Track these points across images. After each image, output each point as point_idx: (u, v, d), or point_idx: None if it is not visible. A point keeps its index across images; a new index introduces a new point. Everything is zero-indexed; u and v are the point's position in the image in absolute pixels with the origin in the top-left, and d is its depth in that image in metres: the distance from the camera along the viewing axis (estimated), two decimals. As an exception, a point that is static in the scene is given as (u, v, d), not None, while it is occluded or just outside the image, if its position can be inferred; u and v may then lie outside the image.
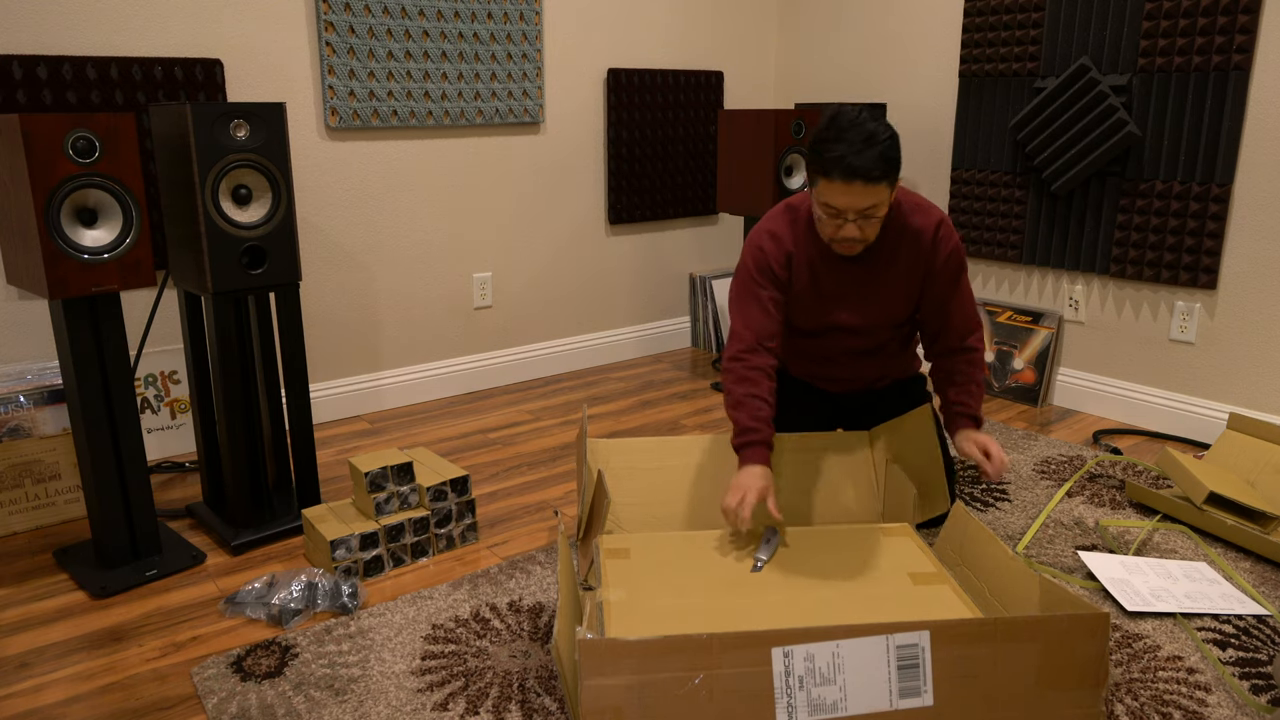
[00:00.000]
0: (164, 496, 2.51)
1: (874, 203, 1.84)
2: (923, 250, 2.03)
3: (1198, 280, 2.84)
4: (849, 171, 1.80)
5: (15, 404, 2.29)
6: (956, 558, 1.89)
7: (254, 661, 1.77)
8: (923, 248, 2.03)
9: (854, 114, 1.84)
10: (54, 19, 2.42)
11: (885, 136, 1.81)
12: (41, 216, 1.81)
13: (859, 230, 1.89)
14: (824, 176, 1.84)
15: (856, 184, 1.81)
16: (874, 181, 1.81)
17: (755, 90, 4.05)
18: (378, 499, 2.12)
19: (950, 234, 2.05)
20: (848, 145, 1.80)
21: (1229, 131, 2.72)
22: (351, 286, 3.07)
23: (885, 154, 1.80)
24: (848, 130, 1.81)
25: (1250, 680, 1.71)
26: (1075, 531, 2.29)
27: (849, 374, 2.22)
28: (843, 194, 1.83)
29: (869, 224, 1.89)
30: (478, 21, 3.12)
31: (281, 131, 2.10)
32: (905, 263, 2.04)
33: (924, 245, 2.03)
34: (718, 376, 3.61)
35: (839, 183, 1.82)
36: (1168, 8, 2.78)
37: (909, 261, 2.04)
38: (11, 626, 1.91)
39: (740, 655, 1.38)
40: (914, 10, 3.49)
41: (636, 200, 3.71)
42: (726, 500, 1.85)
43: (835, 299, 2.08)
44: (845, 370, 2.21)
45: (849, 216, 1.87)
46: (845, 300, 2.08)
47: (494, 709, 1.63)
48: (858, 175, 1.80)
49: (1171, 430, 2.99)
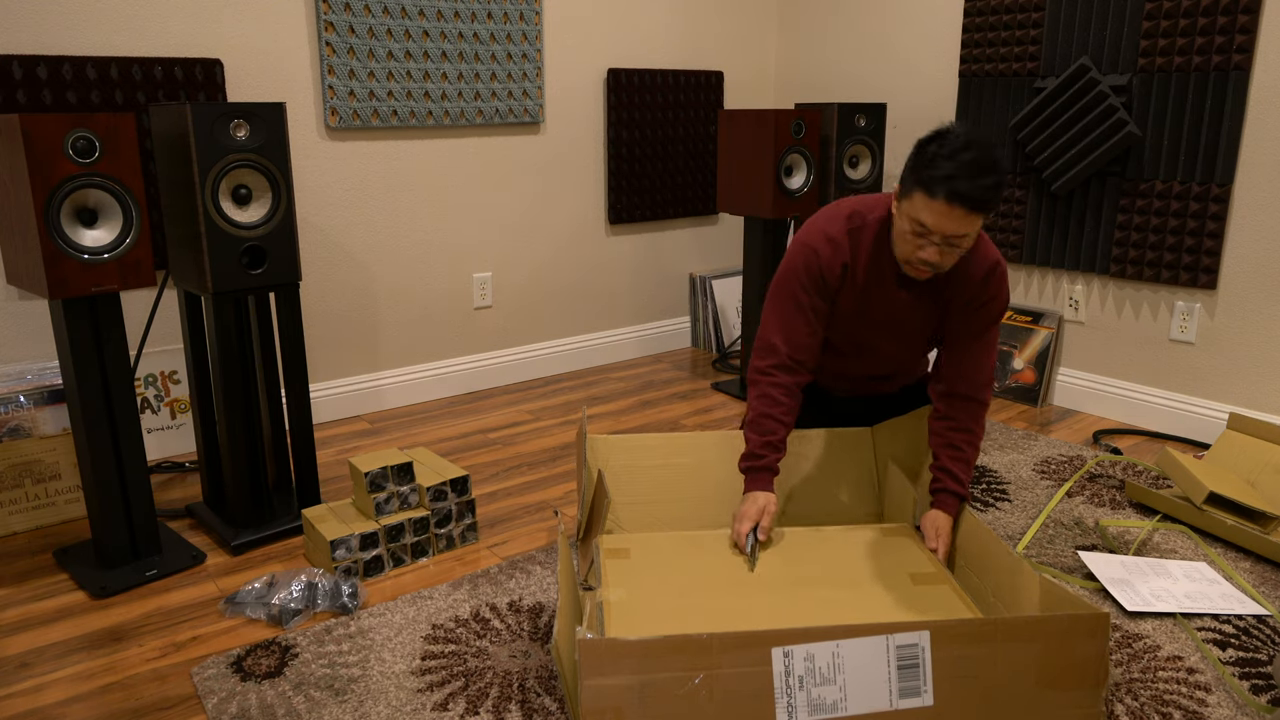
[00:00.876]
0: (164, 496, 2.51)
1: (966, 232, 1.73)
2: (969, 287, 1.91)
3: (1198, 280, 2.84)
4: (954, 195, 1.68)
5: (15, 404, 2.29)
6: (957, 558, 1.89)
7: (254, 661, 1.77)
8: (970, 284, 1.91)
9: (972, 134, 1.73)
10: (54, 19, 2.42)
11: (1000, 166, 1.71)
12: (41, 216, 1.81)
13: (939, 255, 1.77)
14: (925, 192, 1.72)
15: (958, 209, 1.69)
16: (975, 211, 1.70)
17: (755, 90, 4.05)
18: (378, 499, 2.12)
19: (1001, 282, 1.92)
20: (960, 166, 1.68)
21: (1229, 131, 2.72)
22: (351, 286, 3.07)
23: (998, 184, 1.69)
24: (963, 150, 1.69)
25: (1250, 680, 1.71)
26: (1075, 531, 2.29)
27: (861, 387, 2.21)
28: (939, 216, 1.71)
29: (951, 252, 1.78)
30: (478, 21, 3.12)
31: (281, 131, 2.10)
32: (949, 295, 1.94)
33: (972, 283, 1.91)
34: (718, 376, 3.61)
35: (940, 203, 1.70)
36: (1168, 8, 2.78)
37: (952, 294, 1.94)
38: (11, 626, 1.91)
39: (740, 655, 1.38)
40: (914, 10, 3.49)
41: (636, 200, 3.71)
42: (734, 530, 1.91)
43: (878, 323, 1.98)
44: (859, 384, 2.20)
45: (934, 239, 1.75)
46: (887, 325, 1.99)
47: (494, 709, 1.63)
48: (962, 201, 1.69)
49: (1171, 430, 2.99)
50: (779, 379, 1.92)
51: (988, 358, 1.97)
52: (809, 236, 1.94)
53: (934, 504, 1.95)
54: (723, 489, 2.13)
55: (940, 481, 1.95)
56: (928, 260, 1.78)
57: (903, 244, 1.82)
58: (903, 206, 1.80)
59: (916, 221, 1.76)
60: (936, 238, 1.75)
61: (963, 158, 1.68)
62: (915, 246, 1.79)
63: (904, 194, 1.79)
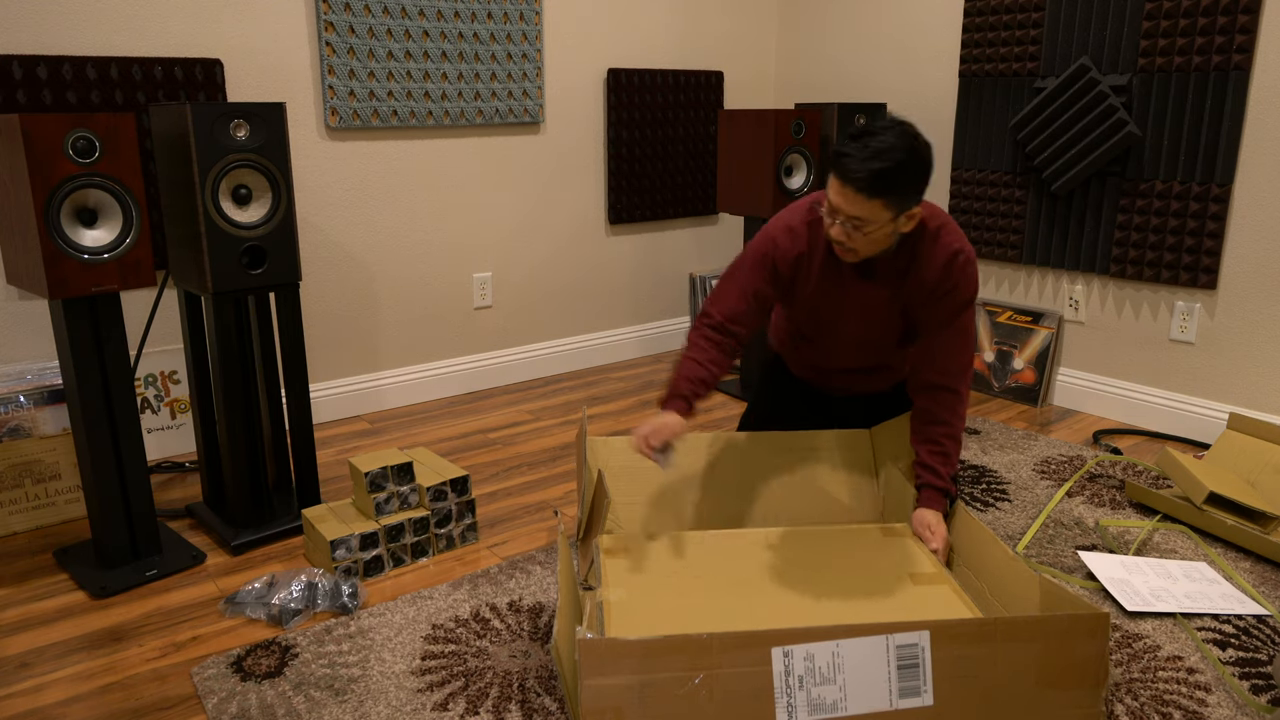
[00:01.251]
0: (164, 496, 2.51)
1: (861, 215, 1.77)
2: (929, 275, 1.93)
3: (1198, 280, 2.84)
4: (843, 173, 1.77)
5: (15, 404, 2.29)
6: (956, 558, 1.89)
7: (254, 661, 1.77)
8: (930, 272, 1.93)
9: (887, 124, 1.78)
10: (54, 19, 2.42)
11: (896, 159, 1.73)
12: (41, 216, 1.81)
13: (845, 235, 1.83)
14: (831, 169, 1.82)
15: (848, 189, 1.77)
16: (861, 193, 1.75)
17: (755, 90, 4.05)
18: (378, 499, 2.12)
19: (964, 270, 1.92)
20: (859, 148, 1.75)
21: (1229, 131, 2.72)
22: (351, 286, 3.07)
23: (883, 173, 1.72)
24: (869, 136, 1.76)
25: (1250, 680, 1.71)
26: (1075, 531, 2.29)
27: (848, 384, 2.22)
28: (835, 193, 1.81)
29: (857, 234, 1.82)
30: (478, 21, 3.12)
31: (281, 131, 2.10)
32: (911, 286, 1.95)
33: (932, 270, 1.93)
34: (718, 376, 3.62)
35: (834, 179, 1.80)
36: (1168, 8, 2.78)
37: (914, 285, 1.95)
38: (11, 626, 1.91)
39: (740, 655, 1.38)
40: (914, 10, 3.49)
41: (636, 200, 3.71)
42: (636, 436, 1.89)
43: (844, 311, 2.03)
44: (845, 380, 2.21)
45: (839, 218, 1.82)
46: (854, 314, 2.02)
47: (494, 709, 1.63)
48: (849, 181, 1.76)
49: (1171, 430, 2.99)
50: (709, 335, 1.98)
51: (959, 347, 1.96)
52: (771, 226, 2.02)
53: (919, 501, 1.97)
54: (723, 489, 2.13)
55: (921, 478, 1.97)
56: (835, 238, 1.85)
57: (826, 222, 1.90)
58: None
59: (828, 198, 1.84)
60: (841, 216, 1.82)
61: (867, 141, 1.75)
62: (829, 224, 1.86)
63: None
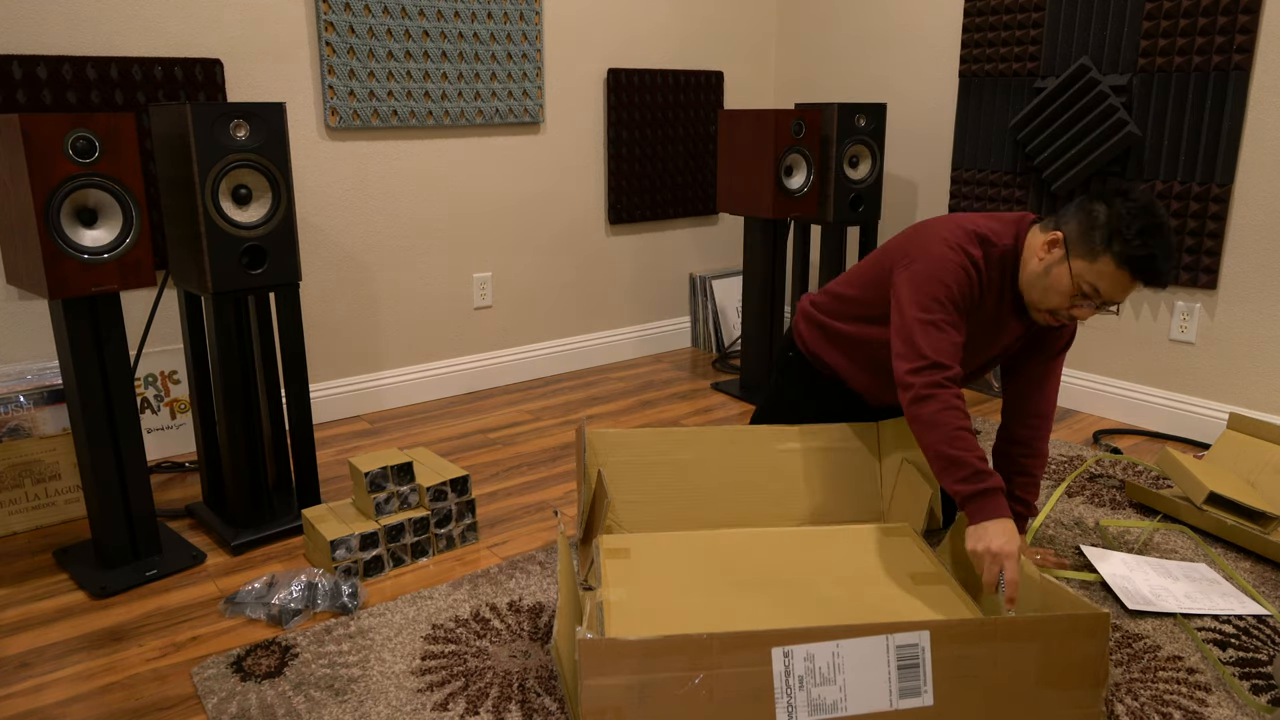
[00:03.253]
0: (164, 496, 2.51)
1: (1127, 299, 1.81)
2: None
3: (1198, 280, 2.84)
4: (1153, 276, 1.71)
5: (15, 404, 2.29)
6: (961, 558, 1.89)
7: (254, 661, 1.77)
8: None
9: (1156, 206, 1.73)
10: (54, 19, 2.42)
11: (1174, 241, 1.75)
12: (41, 216, 1.81)
13: (1089, 315, 1.81)
14: (1115, 262, 1.71)
15: (1138, 284, 1.73)
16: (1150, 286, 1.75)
17: (755, 90, 4.05)
18: (378, 499, 2.12)
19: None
20: (1162, 248, 1.70)
21: (1229, 131, 2.72)
22: (351, 286, 3.07)
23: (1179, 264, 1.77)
24: (1161, 231, 1.70)
25: (1250, 680, 1.71)
26: (1075, 531, 2.29)
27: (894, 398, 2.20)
28: (1122, 288, 1.74)
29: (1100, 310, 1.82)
30: (478, 21, 3.12)
31: (281, 131, 2.10)
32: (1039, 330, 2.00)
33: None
34: (718, 376, 3.61)
35: (1127, 277, 1.72)
36: (1168, 8, 2.78)
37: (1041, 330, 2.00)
38: (11, 626, 1.91)
39: (740, 655, 1.38)
40: (914, 10, 3.49)
41: (636, 200, 3.71)
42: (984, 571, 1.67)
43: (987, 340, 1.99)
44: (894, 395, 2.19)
45: (1096, 302, 1.77)
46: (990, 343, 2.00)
47: (494, 709, 1.63)
48: (1154, 282, 1.72)
49: (1171, 430, 2.99)
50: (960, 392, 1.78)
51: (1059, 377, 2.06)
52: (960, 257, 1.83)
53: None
54: (724, 486, 2.13)
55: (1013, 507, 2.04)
56: (1077, 317, 1.81)
57: (1055, 297, 1.81)
58: (1074, 265, 1.76)
59: (1091, 286, 1.75)
60: (1100, 300, 1.76)
61: (1162, 239, 1.69)
62: (1071, 304, 1.79)
63: (1082, 253, 1.75)
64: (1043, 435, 2.03)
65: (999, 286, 1.90)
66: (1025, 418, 2.02)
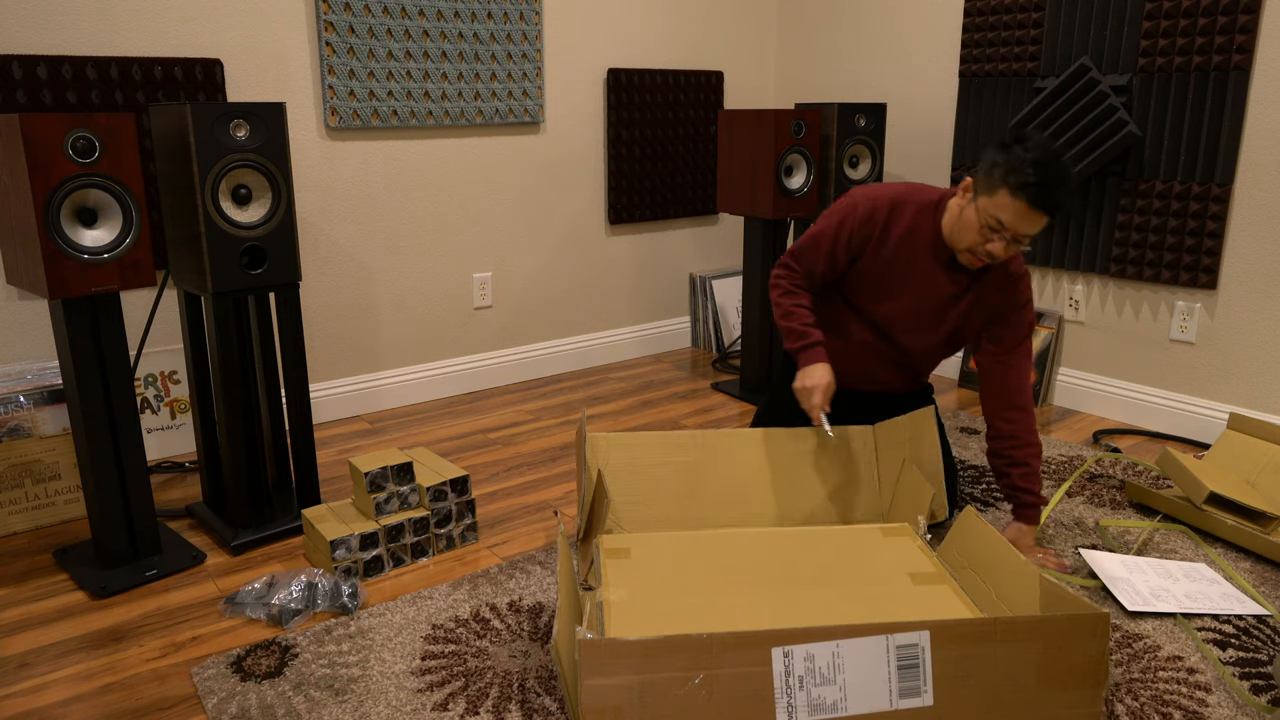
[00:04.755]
0: (164, 496, 2.51)
1: (1036, 231, 1.87)
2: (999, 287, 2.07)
3: (1198, 280, 2.84)
4: (1040, 200, 1.81)
5: (15, 404, 2.29)
6: (962, 559, 1.89)
7: (254, 661, 1.77)
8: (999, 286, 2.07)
9: (1050, 142, 1.86)
10: (54, 19, 2.42)
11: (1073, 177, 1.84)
12: (41, 216, 1.81)
13: (1004, 250, 1.91)
14: (1010, 192, 1.84)
15: (1038, 213, 1.83)
16: (1053, 216, 1.85)
17: (755, 90, 4.05)
18: (378, 499, 2.12)
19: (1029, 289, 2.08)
20: (1048, 174, 1.80)
21: (1229, 131, 2.72)
22: (351, 286, 3.07)
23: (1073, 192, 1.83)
24: (1050, 159, 1.81)
25: (1250, 680, 1.71)
26: (1075, 531, 2.29)
27: (873, 373, 2.24)
28: (1020, 216, 1.85)
29: (1014, 248, 1.91)
30: (478, 21, 3.12)
31: (281, 131, 2.10)
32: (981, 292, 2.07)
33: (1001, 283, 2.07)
34: (718, 376, 3.61)
35: (1023, 204, 1.83)
36: (1168, 8, 2.78)
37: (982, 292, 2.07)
38: (11, 626, 1.91)
39: (740, 655, 1.38)
40: (914, 10, 3.49)
41: (636, 200, 3.71)
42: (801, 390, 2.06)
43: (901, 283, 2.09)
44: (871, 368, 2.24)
45: (1006, 235, 1.89)
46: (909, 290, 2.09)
47: (494, 709, 1.63)
48: (1045, 206, 1.82)
49: (1171, 430, 2.99)
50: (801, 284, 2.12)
51: (1028, 369, 2.11)
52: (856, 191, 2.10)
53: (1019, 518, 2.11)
54: (723, 487, 2.13)
55: (1019, 499, 2.09)
56: (993, 253, 1.91)
57: (969, 234, 1.94)
58: (979, 201, 1.91)
59: (994, 218, 1.88)
60: (1009, 234, 1.88)
61: (1050, 166, 1.80)
62: (984, 239, 1.92)
63: (984, 190, 1.90)
64: (1026, 427, 2.08)
65: (929, 235, 2.05)
66: (1004, 411, 2.09)
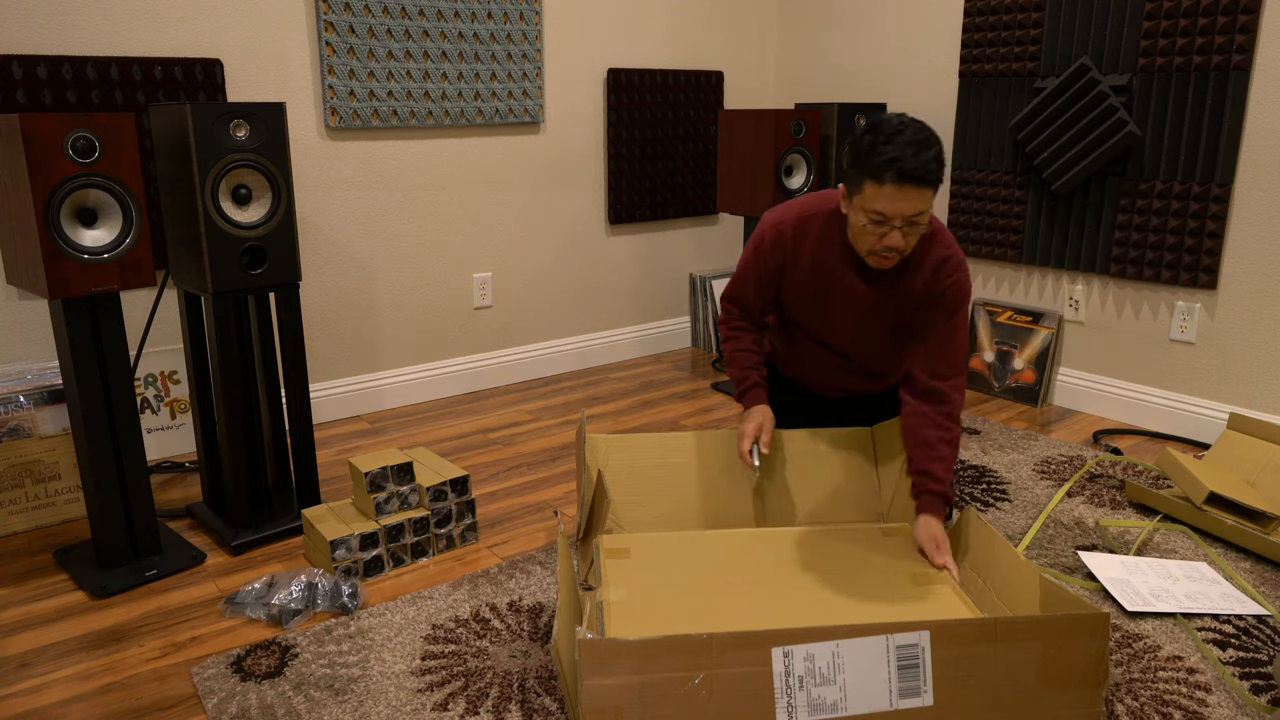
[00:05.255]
0: (164, 496, 2.51)
1: (922, 209, 1.76)
2: (921, 276, 1.94)
3: (1198, 280, 2.84)
4: (903, 174, 1.72)
5: (15, 404, 2.29)
6: (958, 557, 1.89)
7: (254, 661, 1.77)
8: (923, 273, 1.94)
9: (901, 118, 1.78)
10: (54, 19, 2.42)
11: (937, 140, 1.76)
12: (41, 216, 1.81)
13: (902, 239, 1.79)
14: (873, 180, 1.75)
15: (909, 187, 1.73)
16: (925, 185, 1.73)
17: (755, 90, 4.05)
18: (378, 499, 2.12)
19: (955, 272, 1.92)
20: (901, 148, 1.72)
21: (1229, 131, 2.72)
22: (351, 286, 3.07)
23: (939, 157, 1.74)
24: (898, 134, 1.74)
25: (1250, 680, 1.71)
26: (1075, 531, 2.29)
27: (840, 382, 2.21)
28: (893, 199, 1.75)
29: (913, 231, 1.80)
30: (478, 21, 3.12)
31: (281, 131, 2.10)
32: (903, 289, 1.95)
33: (925, 272, 1.93)
34: (718, 376, 3.61)
35: (890, 186, 1.73)
36: (1168, 8, 2.78)
37: (905, 288, 1.95)
38: (11, 626, 1.91)
39: (740, 655, 1.38)
40: (914, 10, 3.49)
41: (636, 200, 3.71)
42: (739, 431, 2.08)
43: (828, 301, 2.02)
44: (836, 378, 2.20)
45: (895, 224, 1.78)
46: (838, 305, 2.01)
47: (494, 709, 1.63)
48: (911, 178, 1.72)
49: (1171, 430, 2.99)
50: (740, 324, 2.16)
51: (952, 350, 1.94)
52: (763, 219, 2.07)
53: (919, 509, 1.91)
54: (723, 487, 2.13)
55: (919, 484, 1.91)
56: (892, 246, 1.81)
57: (864, 237, 1.84)
58: (855, 202, 1.83)
59: (874, 212, 1.79)
60: (897, 221, 1.78)
61: (901, 139, 1.74)
62: (878, 236, 1.82)
63: (853, 189, 1.82)
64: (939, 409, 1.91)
65: (839, 245, 1.98)
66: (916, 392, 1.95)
